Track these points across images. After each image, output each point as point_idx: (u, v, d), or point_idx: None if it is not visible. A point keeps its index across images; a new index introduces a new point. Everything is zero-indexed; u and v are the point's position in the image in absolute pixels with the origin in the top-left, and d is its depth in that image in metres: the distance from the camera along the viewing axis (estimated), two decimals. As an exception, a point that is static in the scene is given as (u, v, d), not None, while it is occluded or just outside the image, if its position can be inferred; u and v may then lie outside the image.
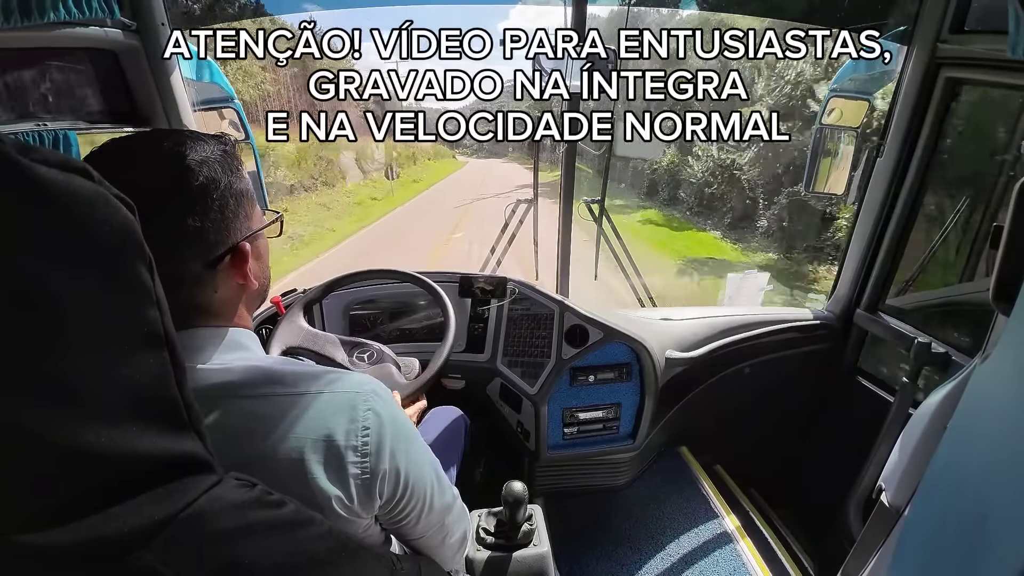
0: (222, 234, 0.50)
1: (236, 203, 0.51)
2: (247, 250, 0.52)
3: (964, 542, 0.49)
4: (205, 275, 0.50)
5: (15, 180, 0.26)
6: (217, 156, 0.50)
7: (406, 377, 1.03)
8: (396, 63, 1.26)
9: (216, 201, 0.49)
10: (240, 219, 0.52)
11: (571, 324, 1.37)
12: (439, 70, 1.18)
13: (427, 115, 1.42)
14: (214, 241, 0.49)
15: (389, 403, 0.54)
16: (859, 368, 1.57)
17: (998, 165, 1.42)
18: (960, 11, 1.15)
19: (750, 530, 1.42)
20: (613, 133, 1.58)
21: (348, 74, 1.27)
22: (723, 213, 11.50)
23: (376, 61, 1.38)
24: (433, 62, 1.24)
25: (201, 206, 0.48)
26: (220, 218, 0.49)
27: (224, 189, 0.50)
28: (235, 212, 0.51)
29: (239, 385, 0.48)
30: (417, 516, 0.59)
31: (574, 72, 1.27)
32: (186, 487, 0.33)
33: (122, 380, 0.30)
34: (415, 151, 25.29)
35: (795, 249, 9.30)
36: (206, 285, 0.50)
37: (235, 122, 1.44)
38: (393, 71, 1.20)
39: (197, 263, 0.49)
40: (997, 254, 0.62)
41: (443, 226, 11.77)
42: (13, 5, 0.76)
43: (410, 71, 1.20)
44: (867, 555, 0.82)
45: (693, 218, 12.43)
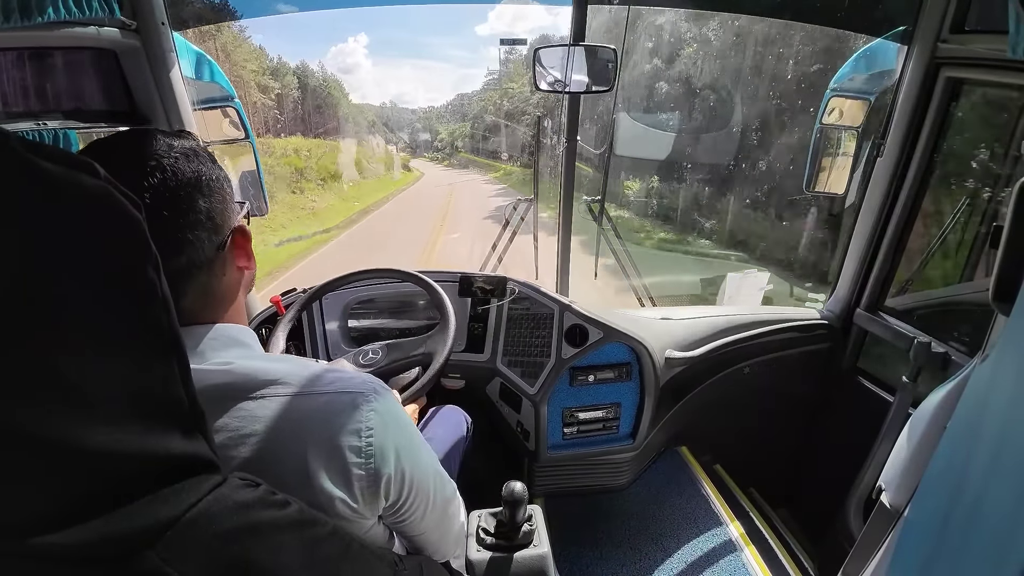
0: (224, 216, 0.52)
1: (228, 187, 0.54)
2: (248, 230, 0.55)
3: (964, 542, 0.49)
4: (216, 259, 0.51)
5: (21, 176, 0.26)
6: (199, 147, 0.53)
7: (406, 378, 1.03)
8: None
9: (216, 184, 0.51)
10: (232, 203, 0.54)
11: (571, 324, 1.37)
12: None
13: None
14: (221, 223, 0.51)
15: (391, 403, 0.54)
16: (859, 368, 1.57)
17: (998, 165, 1.42)
18: (960, 11, 1.15)
19: (750, 530, 1.42)
20: (614, 133, 1.58)
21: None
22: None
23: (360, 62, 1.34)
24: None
25: (207, 189, 0.50)
26: (221, 200, 0.52)
27: (217, 175, 0.52)
28: (230, 196, 0.54)
29: (240, 386, 0.48)
30: (421, 514, 0.59)
31: (574, 71, 1.27)
32: (191, 487, 0.33)
33: (127, 380, 0.30)
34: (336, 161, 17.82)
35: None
36: (215, 270, 0.52)
37: (235, 121, 1.44)
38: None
39: (209, 247, 0.50)
40: (997, 254, 0.62)
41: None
42: (13, 5, 0.76)
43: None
44: (867, 555, 0.82)
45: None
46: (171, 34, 1.08)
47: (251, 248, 0.57)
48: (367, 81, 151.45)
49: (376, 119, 49.00)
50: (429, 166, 42.51)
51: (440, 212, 14.93)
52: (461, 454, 1.21)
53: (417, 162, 48.19)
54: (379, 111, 58.58)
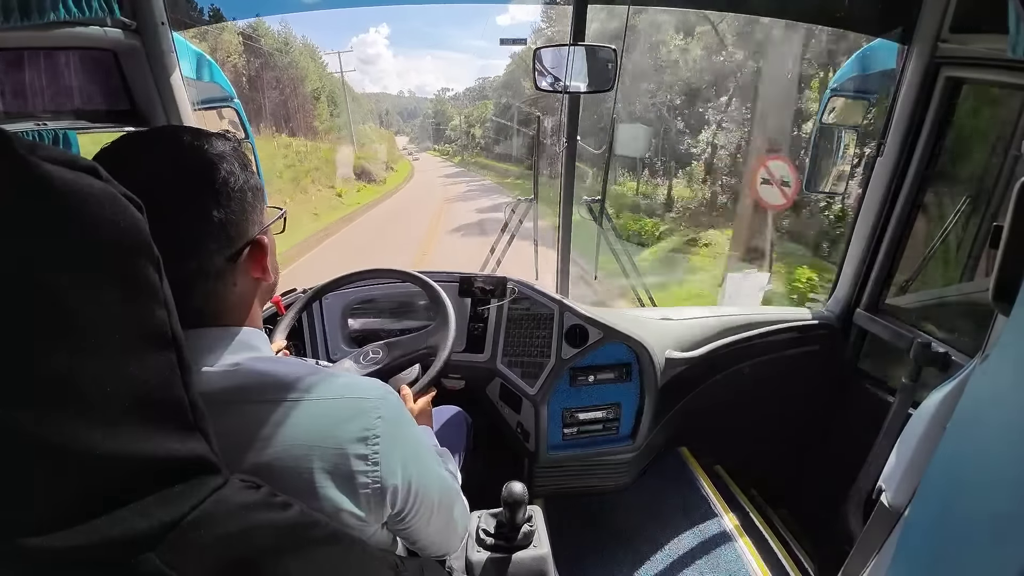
0: (242, 227, 0.50)
1: (253, 196, 0.52)
2: (266, 243, 0.53)
3: (965, 542, 0.49)
4: (227, 269, 0.50)
5: (23, 178, 0.26)
6: (231, 151, 0.51)
7: (406, 377, 1.03)
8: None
9: (236, 194, 0.49)
10: (256, 213, 0.52)
11: (571, 324, 1.37)
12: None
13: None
14: (235, 235, 0.50)
15: (398, 408, 0.53)
16: (859, 368, 1.57)
17: (998, 165, 1.42)
18: (960, 11, 1.15)
19: (750, 530, 1.42)
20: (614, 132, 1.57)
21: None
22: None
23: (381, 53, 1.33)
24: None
25: (224, 199, 0.48)
26: (240, 211, 0.50)
27: (242, 183, 0.50)
28: (252, 206, 0.52)
29: (247, 389, 0.47)
30: (426, 520, 0.59)
31: (575, 71, 1.27)
32: (192, 489, 0.33)
33: (129, 381, 0.30)
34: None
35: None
36: (227, 279, 0.50)
37: (235, 121, 1.44)
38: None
39: (220, 257, 0.49)
40: (997, 254, 0.62)
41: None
42: (13, 5, 0.76)
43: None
44: (867, 555, 0.82)
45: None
46: (171, 34, 1.08)
47: (269, 261, 0.54)
48: (388, 71, 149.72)
49: (390, 108, 44.72)
50: (434, 164, 35.21)
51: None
52: (463, 453, 1.21)
53: (423, 157, 42.32)
54: (395, 100, 54.55)
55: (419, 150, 51.63)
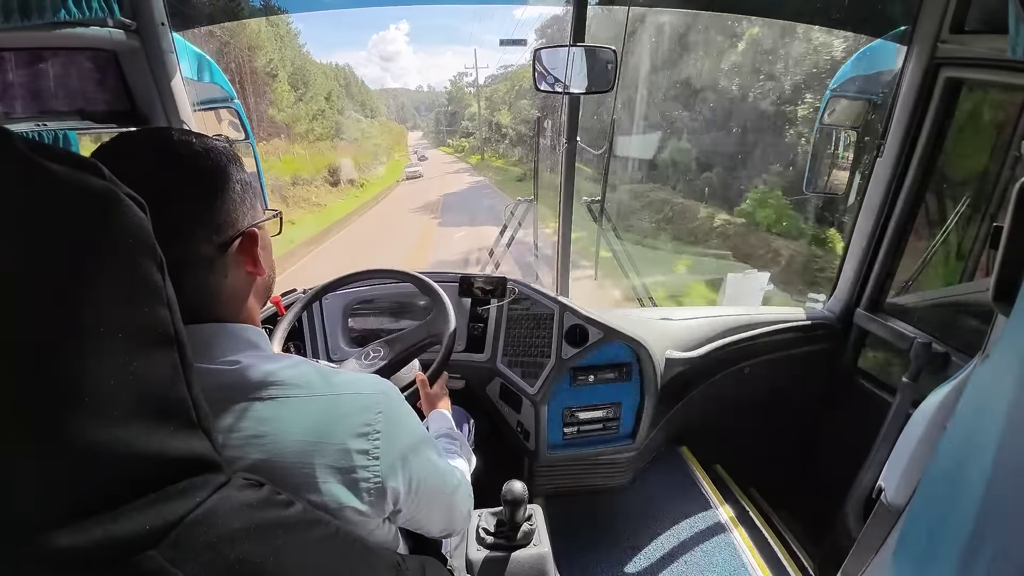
0: (231, 216, 0.51)
1: (243, 190, 0.52)
2: (256, 234, 0.53)
3: (964, 542, 0.49)
4: (216, 258, 0.50)
5: (27, 177, 0.26)
6: (220, 147, 0.52)
7: (407, 377, 1.03)
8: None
9: (224, 184, 0.50)
10: (247, 206, 0.53)
11: (571, 324, 1.37)
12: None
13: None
14: (224, 223, 0.50)
15: (399, 404, 0.54)
16: (859, 368, 1.57)
17: (998, 165, 1.42)
18: (960, 11, 1.15)
19: (749, 530, 1.42)
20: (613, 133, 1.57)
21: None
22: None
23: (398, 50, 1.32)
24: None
25: (211, 188, 0.49)
26: (228, 201, 0.51)
27: (231, 175, 0.51)
28: (242, 198, 0.52)
29: (249, 386, 0.47)
30: (427, 511, 0.60)
31: (575, 71, 1.27)
32: (195, 487, 0.33)
33: (132, 380, 0.30)
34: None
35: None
36: (217, 269, 0.51)
37: (235, 122, 1.44)
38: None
39: (208, 245, 0.49)
40: (997, 254, 0.62)
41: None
42: (13, 5, 0.76)
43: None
44: (867, 555, 0.82)
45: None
46: (171, 34, 1.08)
47: (262, 255, 0.55)
48: (408, 68, 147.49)
49: (406, 102, 40.17)
50: (445, 163, 29.62)
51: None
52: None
53: (433, 154, 37.89)
54: (413, 95, 50.99)
55: (431, 145, 49.10)
